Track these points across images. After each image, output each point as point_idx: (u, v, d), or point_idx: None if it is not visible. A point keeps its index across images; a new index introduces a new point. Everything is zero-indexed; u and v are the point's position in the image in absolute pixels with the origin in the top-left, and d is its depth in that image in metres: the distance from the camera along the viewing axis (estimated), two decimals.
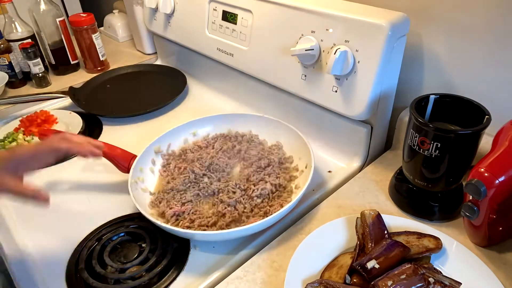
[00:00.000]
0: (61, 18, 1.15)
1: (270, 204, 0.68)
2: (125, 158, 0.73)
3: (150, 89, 1.11)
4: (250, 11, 0.84)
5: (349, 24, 0.66)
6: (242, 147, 0.80)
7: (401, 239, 0.56)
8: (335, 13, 0.68)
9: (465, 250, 0.56)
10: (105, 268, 0.60)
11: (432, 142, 0.56)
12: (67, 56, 1.20)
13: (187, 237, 0.64)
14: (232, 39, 0.90)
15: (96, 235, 0.66)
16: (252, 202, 0.68)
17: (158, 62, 1.27)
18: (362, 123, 0.75)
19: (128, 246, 0.64)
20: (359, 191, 0.71)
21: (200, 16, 0.96)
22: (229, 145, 0.81)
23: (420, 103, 0.61)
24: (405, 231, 0.58)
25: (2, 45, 1.10)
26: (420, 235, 0.57)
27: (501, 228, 0.56)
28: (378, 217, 0.59)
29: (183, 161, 0.78)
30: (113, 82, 1.15)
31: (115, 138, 0.91)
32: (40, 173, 0.82)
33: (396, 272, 0.50)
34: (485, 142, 0.58)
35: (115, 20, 1.41)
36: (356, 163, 0.78)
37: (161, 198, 0.71)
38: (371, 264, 0.52)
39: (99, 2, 1.71)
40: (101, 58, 1.21)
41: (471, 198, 0.53)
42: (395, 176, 0.70)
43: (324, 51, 0.71)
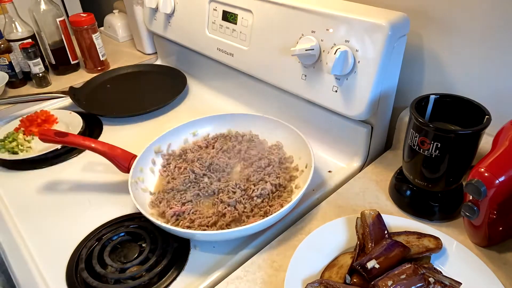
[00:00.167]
0: (61, 18, 1.15)
1: (270, 204, 0.68)
2: (125, 158, 0.73)
3: (150, 89, 1.11)
4: (250, 11, 0.84)
5: (349, 24, 0.66)
6: (242, 147, 0.80)
7: (401, 239, 0.56)
8: (335, 13, 0.68)
9: (465, 250, 0.56)
10: (105, 268, 0.60)
11: (432, 142, 0.56)
12: (67, 56, 1.20)
13: (187, 237, 0.64)
14: (232, 39, 0.90)
15: (96, 235, 0.66)
16: (252, 202, 0.68)
17: (158, 62, 1.27)
18: (362, 123, 0.75)
19: (128, 246, 0.64)
20: (359, 191, 0.71)
21: (200, 16, 0.96)
22: (229, 145, 0.81)
23: (420, 103, 0.61)
24: (405, 231, 0.58)
25: (2, 45, 1.10)
26: (420, 235, 0.57)
27: (501, 228, 0.56)
28: (378, 217, 0.59)
29: (183, 161, 0.78)
30: (113, 82, 1.15)
31: (115, 138, 0.91)
32: (40, 173, 0.83)
33: (396, 272, 0.50)
34: (485, 142, 0.58)
35: (115, 20, 1.42)
36: (356, 163, 0.78)
37: (161, 198, 0.71)
38: (371, 264, 0.52)
39: (99, 2, 1.71)
40: (101, 58, 1.21)
41: (471, 198, 0.53)
42: (395, 176, 0.70)
43: (324, 51, 0.71)
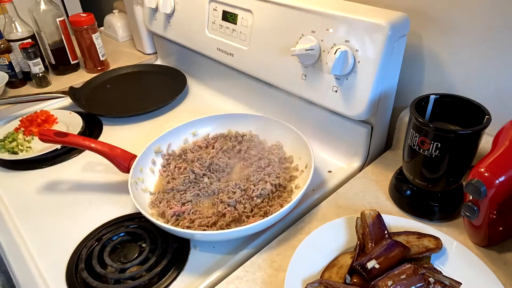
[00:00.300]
0: (61, 18, 1.15)
1: (270, 204, 0.68)
2: (125, 158, 0.73)
3: (150, 89, 1.11)
4: (250, 11, 0.83)
5: (349, 24, 0.66)
6: (242, 147, 0.80)
7: (401, 239, 0.56)
8: (335, 13, 0.68)
9: (465, 250, 0.56)
10: (105, 268, 0.60)
11: (432, 142, 0.56)
12: (67, 56, 1.20)
13: (187, 237, 0.64)
14: (232, 39, 0.90)
15: (96, 235, 0.66)
16: (252, 202, 0.68)
17: (158, 62, 1.27)
18: (362, 123, 0.75)
19: (128, 246, 0.64)
20: (359, 191, 0.71)
21: (200, 16, 0.96)
22: (229, 145, 0.81)
23: (420, 103, 0.61)
24: (405, 231, 0.58)
25: (2, 45, 1.10)
26: (420, 235, 0.57)
27: (501, 228, 0.56)
28: (378, 217, 0.59)
29: (183, 161, 0.78)
30: (113, 82, 1.15)
31: (115, 138, 0.91)
32: (40, 173, 0.83)
33: (396, 272, 0.50)
34: (485, 142, 0.58)
35: (115, 20, 1.41)
36: (356, 163, 0.78)
37: (161, 198, 0.71)
38: (371, 264, 0.52)
39: (99, 2, 1.71)
40: (101, 58, 1.21)
41: (471, 198, 0.53)
42: (395, 176, 0.70)
43: (324, 51, 0.71)
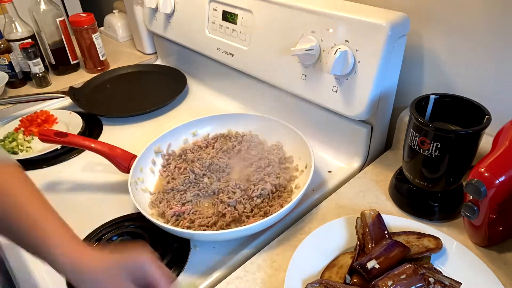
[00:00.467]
0: (61, 18, 1.15)
1: (270, 204, 0.68)
2: (125, 158, 0.73)
3: (150, 89, 1.11)
4: (250, 11, 0.83)
5: (349, 24, 0.66)
6: (242, 147, 0.80)
7: (401, 239, 0.56)
8: (335, 13, 0.68)
9: (465, 250, 0.56)
10: None
11: (432, 142, 0.56)
12: (67, 56, 1.20)
13: (187, 237, 0.64)
14: (232, 39, 0.90)
15: (96, 235, 0.66)
16: (252, 202, 0.68)
17: (158, 62, 1.27)
18: (362, 123, 0.75)
19: None
20: (359, 191, 0.71)
21: (200, 16, 0.96)
22: (229, 145, 0.81)
23: (420, 103, 0.61)
24: (405, 231, 0.58)
25: (2, 45, 1.09)
26: (420, 235, 0.57)
27: (501, 228, 0.56)
28: (378, 217, 0.59)
29: (183, 161, 0.78)
30: (113, 82, 1.15)
31: (115, 138, 0.91)
32: (40, 173, 0.83)
33: (396, 272, 0.50)
34: (485, 142, 0.58)
35: (115, 20, 1.41)
36: (356, 163, 0.78)
37: (161, 198, 0.71)
38: (371, 264, 0.52)
39: (99, 2, 1.71)
40: (101, 58, 1.21)
41: (471, 198, 0.53)
42: (395, 176, 0.70)
43: (324, 51, 0.71)
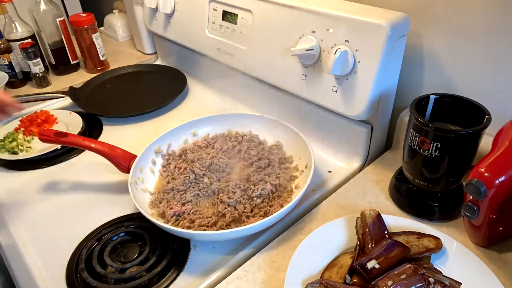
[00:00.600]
0: (61, 18, 1.15)
1: (270, 204, 0.68)
2: (125, 158, 0.73)
3: (150, 89, 1.11)
4: (250, 11, 0.83)
5: (349, 24, 0.66)
6: (242, 147, 0.80)
7: (401, 239, 0.56)
8: (335, 13, 0.68)
9: (465, 250, 0.56)
10: (105, 268, 0.60)
11: (432, 142, 0.56)
12: (67, 56, 1.20)
13: (187, 237, 0.64)
14: (232, 39, 0.90)
15: (96, 235, 0.66)
16: (252, 202, 0.68)
17: (158, 62, 1.27)
18: (362, 123, 0.75)
19: (128, 246, 0.64)
20: (359, 191, 0.71)
21: (200, 16, 0.96)
22: (229, 145, 0.81)
23: (420, 103, 0.61)
24: (405, 231, 0.58)
25: (2, 45, 1.10)
26: (420, 235, 0.57)
27: (501, 228, 0.56)
28: (378, 217, 0.59)
29: (183, 161, 0.78)
30: (113, 82, 1.15)
31: (115, 138, 0.91)
32: (40, 173, 0.83)
33: (396, 272, 0.50)
34: (485, 142, 0.58)
35: (115, 20, 1.41)
36: (356, 163, 0.78)
37: (161, 198, 0.71)
38: (371, 264, 0.52)
39: (99, 2, 1.71)
40: (101, 58, 1.21)
41: (471, 198, 0.53)
42: (395, 176, 0.70)
43: (324, 51, 0.71)
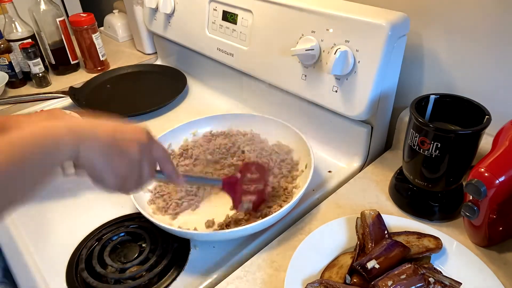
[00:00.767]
0: (61, 18, 1.15)
1: (269, 204, 0.68)
2: None
3: (150, 89, 1.11)
4: (250, 11, 0.83)
5: (349, 24, 0.66)
6: (242, 147, 0.80)
7: (401, 239, 0.56)
8: (335, 13, 0.68)
9: (465, 250, 0.56)
10: (105, 268, 0.60)
11: (432, 142, 0.56)
12: (67, 56, 1.20)
13: (187, 237, 0.64)
14: (232, 39, 0.90)
15: (96, 235, 0.66)
16: None
17: (158, 62, 1.27)
18: (362, 123, 0.75)
19: (128, 246, 0.64)
20: (359, 191, 0.71)
21: (200, 16, 0.96)
22: (229, 144, 0.81)
23: (420, 103, 0.61)
24: (405, 231, 0.58)
25: (2, 45, 1.09)
26: (420, 235, 0.57)
27: (501, 228, 0.56)
28: (378, 217, 0.59)
29: (184, 160, 0.78)
30: (113, 82, 1.15)
31: None
32: None
33: (396, 272, 0.50)
34: (485, 142, 0.58)
35: (115, 20, 1.41)
36: (356, 163, 0.78)
37: (159, 195, 0.71)
38: (371, 264, 0.52)
39: (99, 2, 1.71)
40: (101, 58, 1.21)
41: (471, 198, 0.53)
42: (395, 176, 0.70)
43: (324, 51, 0.71)
